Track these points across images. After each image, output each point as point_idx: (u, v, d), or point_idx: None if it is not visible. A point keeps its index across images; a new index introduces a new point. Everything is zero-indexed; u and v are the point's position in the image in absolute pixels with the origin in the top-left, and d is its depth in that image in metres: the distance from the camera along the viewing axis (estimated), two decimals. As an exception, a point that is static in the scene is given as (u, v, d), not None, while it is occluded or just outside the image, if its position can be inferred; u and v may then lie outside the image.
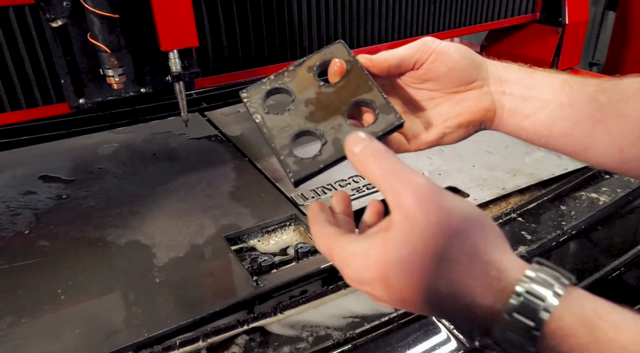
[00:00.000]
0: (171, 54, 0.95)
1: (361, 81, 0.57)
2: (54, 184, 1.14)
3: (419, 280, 0.39)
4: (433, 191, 0.40)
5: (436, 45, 0.58)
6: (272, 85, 0.58)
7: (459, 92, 0.60)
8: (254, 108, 0.57)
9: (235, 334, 0.76)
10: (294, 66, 0.59)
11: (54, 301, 0.80)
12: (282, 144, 0.55)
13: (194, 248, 0.92)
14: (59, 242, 0.94)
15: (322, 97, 0.57)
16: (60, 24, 0.87)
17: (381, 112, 0.55)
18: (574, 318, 0.38)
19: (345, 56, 0.58)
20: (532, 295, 0.38)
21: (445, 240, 0.39)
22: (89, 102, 0.99)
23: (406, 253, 0.39)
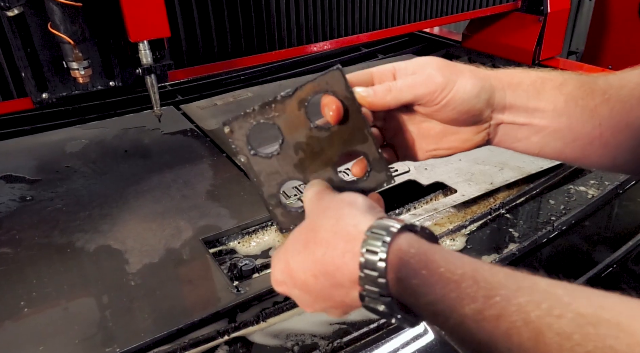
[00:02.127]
0: (141, 45, 0.89)
1: (356, 128, 0.52)
2: (17, 185, 1.07)
3: (304, 254, 0.47)
4: (328, 194, 0.51)
5: (445, 94, 0.52)
6: (258, 120, 0.52)
7: (459, 127, 0.57)
8: (238, 147, 0.54)
9: (215, 345, 0.72)
10: (283, 96, 0.52)
11: (15, 314, 0.74)
12: (270, 192, 0.54)
13: (169, 253, 0.86)
14: (23, 249, 0.88)
15: (313, 142, 0.53)
16: (17, 12, 0.80)
17: (373, 169, 0.53)
18: (410, 247, 0.42)
19: (342, 89, 0.51)
20: (376, 233, 0.43)
21: (311, 226, 0.48)
22: (52, 96, 0.93)
23: (293, 236, 0.49)
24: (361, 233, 0.44)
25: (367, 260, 0.43)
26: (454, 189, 1.03)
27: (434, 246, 0.43)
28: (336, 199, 0.50)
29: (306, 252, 0.47)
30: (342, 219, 0.46)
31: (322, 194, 0.52)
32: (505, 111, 0.56)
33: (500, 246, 0.89)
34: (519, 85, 0.56)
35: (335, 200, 0.49)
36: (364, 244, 0.43)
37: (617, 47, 2.36)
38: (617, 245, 0.90)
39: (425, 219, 0.96)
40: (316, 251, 0.46)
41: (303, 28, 1.24)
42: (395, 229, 0.43)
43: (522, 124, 0.56)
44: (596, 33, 2.46)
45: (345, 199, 0.49)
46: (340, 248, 0.45)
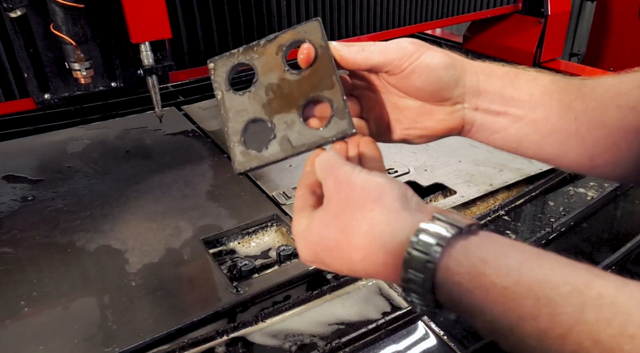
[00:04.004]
0: (142, 47, 0.89)
1: (325, 75, 0.54)
2: (19, 185, 1.07)
3: (336, 252, 0.45)
4: (346, 173, 0.47)
5: (414, 59, 0.53)
6: (240, 59, 0.56)
7: (430, 104, 0.57)
8: (217, 83, 0.57)
9: (214, 345, 0.72)
10: (266, 40, 0.56)
11: (16, 314, 0.75)
12: (234, 129, 0.55)
13: (169, 253, 0.87)
14: (24, 249, 0.88)
15: (284, 84, 0.55)
16: (20, 14, 0.81)
17: (336, 115, 0.53)
18: (460, 266, 0.40)
19: (318, 39, 0.54)
20: (418, 250, 0.41)
21: (349, 213, 0.45)
22: (55, 97, 0.93)
23: (323, 230, 0.46)
24: (401, 246, 0.42)
25: (410, 279, 0.41)
26: (453, 191, 1.03)
27: (483, 252, 0.40)
28: (359, 188, 0.45)
29: (341, 253, 0.45)
30: (375, 226, 0.43)
31: (338, 170, 0.47)
32: (479, 95, 0.56)
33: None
34: (492, 73, 0.56)
35: (358, 190, 0.45)
36: (405, 263, 0.41)
37: (618, 49, 2.36)
38: (617, 247, 0.90)
39: (424, 221, 0.96)
40: (352, 255, 0.44)
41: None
42: (440, 247, 0.40)
43: (498, 112, 0.56)
44: (597, 35, 2.46)
45: (372, 193, 0.45)
46: (381, 260, 0.43)
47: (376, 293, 0.80)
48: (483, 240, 0.42)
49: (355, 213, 0.44)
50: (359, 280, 0.82)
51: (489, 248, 0.41)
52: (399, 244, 0.42)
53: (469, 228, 0.42)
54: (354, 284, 0.81)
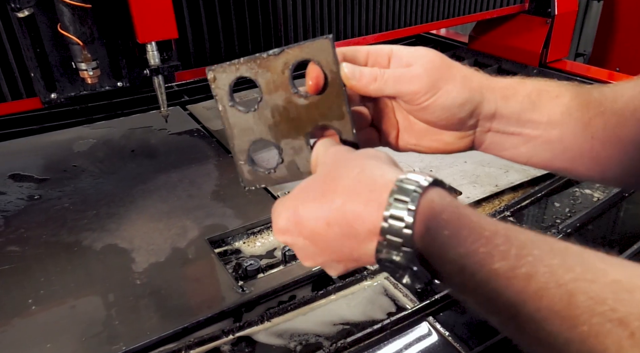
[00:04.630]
0: (149, 47, 0.89)
1: (335, 104, 0.51)
2: (26, 184, 1.08)
3: (319, 201, 0.45)
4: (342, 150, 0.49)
5: (430, 95, 0.52)
6: (242, 73, 0.53)
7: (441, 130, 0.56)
8: (218, 96, 0.54)
9: (220, 344, 0.72)
10: (270, 54, 0.51)
11: (24, 312, 0.75)
12: (240, 148, 0.55)
13: (175, 252, 0.87)
14: (31, 247, 0.89)
15: (291, 108, 0.53)
16: (27, 14, 0.81)
17: (345, 144, 0.52)
18: (442, 200, 0.41)
19: (329, 61, 0.50)
20: (407, 182, 0.42)
21: (335, 169, 0.46)
22: (61, 97, 0.94)
23: (307, 184, 0.47)
24: (389, 182, 0.42)
25: (394, 210, 0.41)
26: (459, 191, 1.03)
27: (464, 204, 0.43)
28: (357, 152, 0.48)
29: (322, 200, 0.44)
30: (367, 169, 0.44)
31: (338, 148, 0.50)
32: (494, 119, 0.55)
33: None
34: (514, 96, 0.55)
35: (356, 153, 0.48)
36: (392, 193, 0.41)
37: (624, 49, 2.34)
38: (623, 249, 0.89)
39: (429, 221, 0.96)
40: (335, 199, 0.44)
41: (310, 29, 1.24)
42: (427, 182, 0.41)
43: (512, 133, 0.56)
44: (604, 35, 2.44)
45: (370, 152, 0.47)
46: (364, 197, 0.43)
47: (381, 293, 0.80)
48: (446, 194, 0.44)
49: (348, 163, 0.46)
50: (364, 280, 0.82)
51: None
52: (386, 181, 0.42)
53: (451, 188, 0.44)
54: (359, 284, 0.82)
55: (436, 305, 0.77)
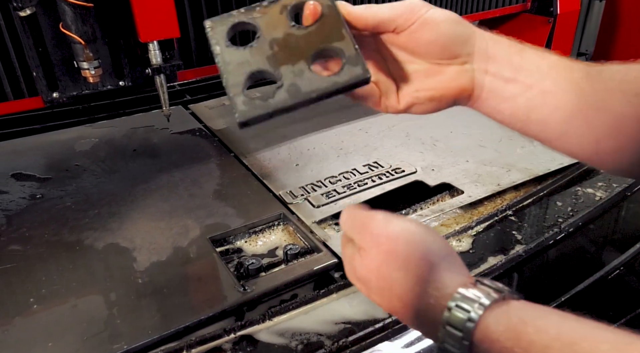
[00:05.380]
0: (151, 46, 0.90)
1: (334, 28, 0.52)
2: (28, 183, 1.08)
3: (379, 297, 0.50)
4: (381, 225, 0.50)
5: (422, 12, 0.53)
6: (240, 18, 0.53)
7: (438, 65, 0.55)
8: (215, 39, 0.53)
9: (222, 343, 0.72)
10: (268, 1, 0.53)
11: (25, 311, 0.75)
12: (235, 81, 0.51)
13: (177, 252, 0.87)
14: (32, 246, 0.89)
15: (290, 39, 0.52)
16: (29, 13, 0.81)
17: (348, 62, 0.51)
18: (499, 325, 0.41)
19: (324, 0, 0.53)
20: (460, 309, 0.43)
21: (391, 267, 0.48)
22: (63, 96, 0.94)
23: (366, 274, 0.50)
24: (442, 304, 0.44)
25: (447, 345, 0.43)
26: (460, 190, 1.03)
27: (522, 313, 0.42)
28: (402, 242, 0.49)
29: (382, 295, 0.49)
30: (420, 284, 0.46)
31: (370, 223, 0.51)
32: (488, 59, 0.55)
33: (507, 248, 0.89)
34: (500, 40, 0.55)
35: (401, 244, 0.49)
36: (445, 320, 0.43)
37: (626, 49, 2.34)
38: (625, 248, 0.89)
39: (431, 220, 0.96)
40: (395, 302, 0.48)
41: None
42: (482, 307, 0.42)
43: (508, 79, 0.54)
44: (606, 35, 2.44)
45: (418, 248, 0.48)
46: (422, 314, 0.46)
47: (383, 292, 0.80)
48: (523, 304, 0.43)
49: (399, 267, 0.47)
50: (366, 280, 0.82)
51: (528, 310, 0.42)
52: (439, 303, 0.44)
53: (510, 294, 0.44)
54: (361, 283, 0.81)
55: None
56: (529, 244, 0.89)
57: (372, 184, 1.04)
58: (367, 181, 1.05)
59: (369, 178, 1.06)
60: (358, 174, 1.08)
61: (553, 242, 0.91)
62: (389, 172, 1.08)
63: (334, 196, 1.01)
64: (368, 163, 1.11)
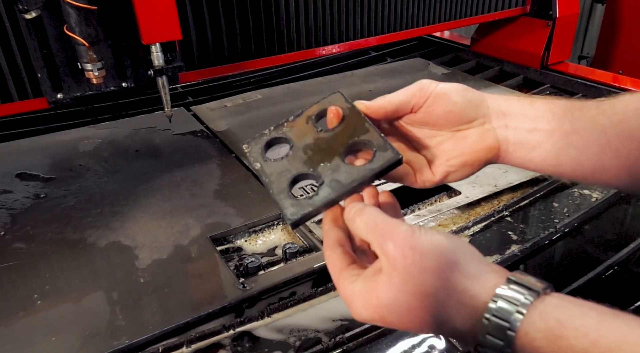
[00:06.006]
0: (153, 48, 0.91)
1: (358, 124, 0.56)
2: (32, 183, 1.10)
3: (407, 317, 0.45)
4: (408, 236, 0.45)
5: (432, 88, 0.57)
6: (272, 135, 0.59)
7: (461, 131, 0.58)
8: (253, 157, 0.58)
9: (221, 339, 0.73)
10: (293, 116, 0.59)
11: (29, 306, 0.77)
12: (279, 188, 0.55)
13: (178, 250, 0.88)
14: (36, 244, 0.90)
15: (320, 142, 0.57)
16: (35, 15, 0.83)
17: (379, 150, 0.54)
18: (538, 331, 0.41)
19: (343, 103, 0.58)
20: (498, 317, 0.42)
21: (421, 281, 0.44)
22: (67, 97, 0.96)
23: (393, 295, 0.44)
24: (479, 312, 0.42)
25: (489, 345, 0.42)
26: (458, 191, 1.04)
27: (559, 313, 0.41)
28: (430, 254, 0.44)
29: (412, 318, 0.44)
30: (453, 294, 0.43)
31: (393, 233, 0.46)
32: (505, 116, 0.57)
33: (503, 247, 0.90)
34: (509, 99, 0.59)
35: (430, 256, 0.44)
36: (484, 329, 0.42)
37: (627, 52, 2.35)
38: (620, 248, 0.90)
39: (429, 220, 0.98)
40: (428, 319, 0.44)
41: (312, 31, 1.26)
42: (521, 315, 0.41)
43: (529, 129, 0.56)
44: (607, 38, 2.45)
45: (446, 259, 0.44)
46: (459, 325, 0.43)
47: (380, 290, 0.81)
48: (558, 301, 0.42)
49: (430, 280, 0.44)
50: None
51: (564, 309, 0.41)
52: (476, 310, 0.43)
53: (544, 291, 0.43)
54: (358, 281, 0.83)
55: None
56: (525, 244, 0.90)
57: (371, 184, 1.05)
58: (366, 181, 1.07)
59: (367, 179, 1.07)
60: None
61: (549, 242, 0.92)
62: (387, 173, 1.09)
63: (333, 196, 1.02)
64: (367, 164, 1.12)
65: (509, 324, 0.41)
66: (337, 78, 1.67)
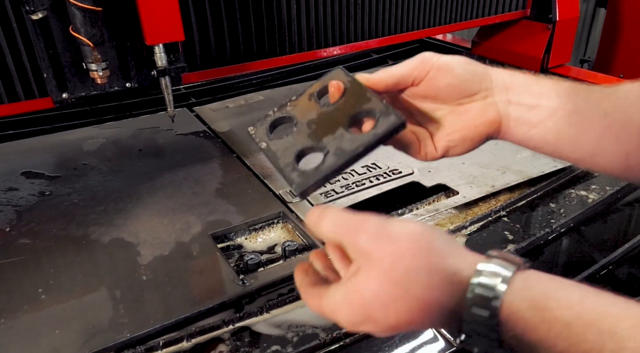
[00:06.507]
0: (156, 49, 0.93)
1: (360, 95, 0.57)
2: (37, 181, 1.12)
3: (394, 307, 0.43)
4: (380, 227, 0.46)
5: (434, 61, 0.57)
6: (276, 116, 0.60)
7: (462, 104, 0.58)
8: (258, 137, 0.59)
9: (221, 334, 0.75)
10: (296, 96, 0.60)
11: (34, 300, 0.79)
12: (285, 162, 0.56)
13: (179, 246, 0.90)
14: (41, 240, 0.92)
15: (324, 116, 0.58)
16: (41, 16, 0.85)
17: (381, 116, 0.54)
18: (523, 301, 0.41)
19: (344, 78, 0.59)
20: (483, 287, 0.41)
21: (402, 266, 0.43)
22: (72, 96, 0.97)
23: (375, 288, 0.44)
24: (463, 287, 0.42)
25: (474, 318, 0.41)
26: (455, 191, 1.05)
27: (543, 286, 0.41)
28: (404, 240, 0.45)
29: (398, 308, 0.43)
30: (435, 273, 0.43)
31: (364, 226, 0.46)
32: (508, 90, 0.57)
33: (500, 247, 0.91)
34: (514, 73, 0.58)
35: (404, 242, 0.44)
36: (469, 302, 0.42)
37: (628, 55, 2.36)
38: (615, 248, 0.91)
39: (426, 220, 0.99)
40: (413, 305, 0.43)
41: (313, 33, 1.27)
42: (504, 284, 0.41)
43: (531, 105, 0.56)
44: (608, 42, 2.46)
45: (421, 243, 0.44)
46: (445, 304, 0.43)
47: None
48: (539, 275, 0.43)
49: (409, 264, 0.43)
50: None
51: (547, 282, 0.42)
52: (460, 285, 0.42)
53: (524, 265, 0.43)
54: (356, 279, 0.84)
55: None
56: (521, 243, 0.91)
57: (370, 184, 1.07)
58: (365, 181, 1.08)
59: (367, 179, 1.09)
60: (356, 175, 1.11)
61: (544, 242, 0.93)
62: (386, 173, 1.11)
63: (332, 196, 1.04)
64: (366, 165, 1.14)
65: (494, 293, 0.41)
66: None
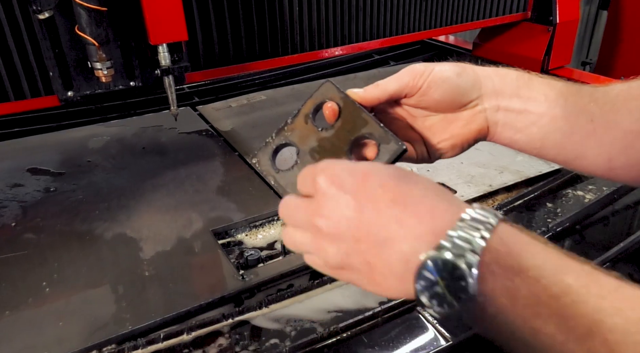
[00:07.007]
0: (160, 48, 0.94)
1: (356, 117, 0.57)
2: (42, 177, 1.13)
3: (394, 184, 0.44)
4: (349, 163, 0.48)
5: (426, 76, 0.58)
6: (276, 143, 0.61)
7: (453, 112, 0.60)
8: (265, 171, 0.60)
9: (221, 327, 0.76)
10: (291, 117, 0.60)
11: (38, 294, 0.80)
12: None
13: (180, 242, 0.92)
14: (46, 235, 0.94)
15: (324, 142, 0.59)
16: (48, 16, 0.87)
17: (382, 142, 0.56)
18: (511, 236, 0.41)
19: (336, 94, 0.59)
20: (480, 212, 0.42)
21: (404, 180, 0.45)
22: (77, 95, 0.99)
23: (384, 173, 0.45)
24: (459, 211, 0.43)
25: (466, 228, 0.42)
26: (453, 190, 1.06)
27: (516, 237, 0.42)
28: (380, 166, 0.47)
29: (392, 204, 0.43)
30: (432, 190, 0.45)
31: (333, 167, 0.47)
32: (497, 96, 0.59)
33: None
34: (506, 75, 0.59)
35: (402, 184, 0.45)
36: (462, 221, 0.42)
37: (629, 57, 2.36)
38: (610, 247, 0.92)
39: (424, 218, 1.00)
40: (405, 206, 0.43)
41: (315, 34, 1.29)
42: (496, 218, 0.42)
43: (519, 110, 0.58)
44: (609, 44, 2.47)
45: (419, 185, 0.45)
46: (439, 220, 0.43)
47: (374, 284, 0.84)
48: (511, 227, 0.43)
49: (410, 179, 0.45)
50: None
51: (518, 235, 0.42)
52: (459, 208, 0.43)
53: (502, 217, 0.43)
54: (354, 275, 0.85)
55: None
56: (517, 242, 0.93)
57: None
58: (365, 180, 1.09)
59: (366, 178, 1.10)
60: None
61: (541, 241, 0.95)
62: (386, 172, 1.12)
63: (332, 194, 1.05)
64: (366, 163, 1.15)
65: (489, 216, 0.42)
66: (340, 80, 1.70)
